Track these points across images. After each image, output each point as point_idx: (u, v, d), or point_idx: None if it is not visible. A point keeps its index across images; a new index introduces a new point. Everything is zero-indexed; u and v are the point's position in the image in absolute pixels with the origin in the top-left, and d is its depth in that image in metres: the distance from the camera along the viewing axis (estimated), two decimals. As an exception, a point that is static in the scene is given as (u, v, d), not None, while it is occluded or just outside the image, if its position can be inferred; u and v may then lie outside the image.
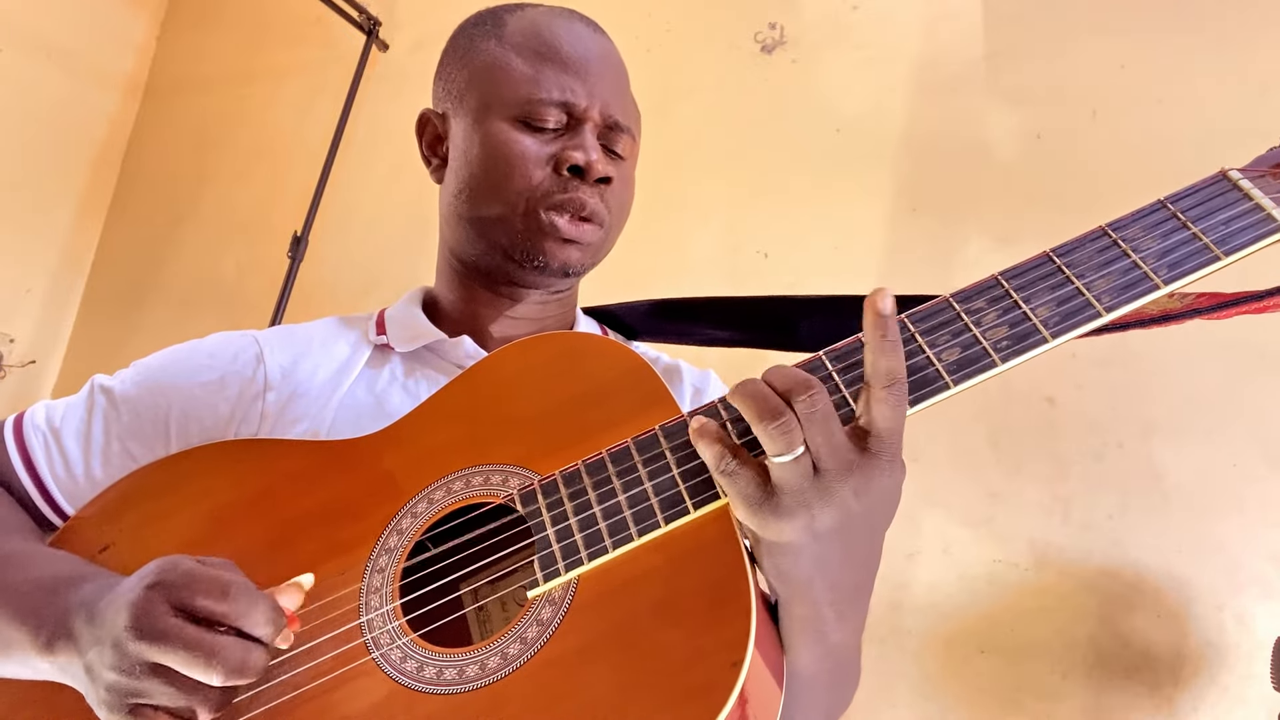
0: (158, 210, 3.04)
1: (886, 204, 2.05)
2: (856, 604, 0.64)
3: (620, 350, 0.71)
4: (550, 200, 0.83)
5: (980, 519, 1.79)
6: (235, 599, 0.58)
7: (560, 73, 0.85)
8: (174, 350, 0.88)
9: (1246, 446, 1.64)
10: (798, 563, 0.57)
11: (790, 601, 0.61)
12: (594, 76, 0.86)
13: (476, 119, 0.86)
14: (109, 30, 3.12)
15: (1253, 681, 1.55)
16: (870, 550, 0.61)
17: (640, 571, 0.58)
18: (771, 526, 0.55)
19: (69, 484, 0.82)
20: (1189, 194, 0.60)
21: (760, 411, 0.54)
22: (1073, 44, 1.96)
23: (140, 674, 0.57)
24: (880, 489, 0.55)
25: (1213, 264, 0.57)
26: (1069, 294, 0.58)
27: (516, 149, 0.83)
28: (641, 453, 0.63)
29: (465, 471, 0.68)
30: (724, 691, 0.51)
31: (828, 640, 0.63)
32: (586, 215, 0.84)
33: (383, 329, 0.91)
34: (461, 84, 0.89)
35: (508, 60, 0.86)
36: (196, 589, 0.58)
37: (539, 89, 0.84)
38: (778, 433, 0.53)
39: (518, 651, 0.58)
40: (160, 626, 0.57)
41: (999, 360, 0.57)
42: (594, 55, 0.88)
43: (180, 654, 0.56)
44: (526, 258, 0.84)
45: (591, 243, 0.86)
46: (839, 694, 0.72)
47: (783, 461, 0.54)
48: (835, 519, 0.55)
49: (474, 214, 0.86)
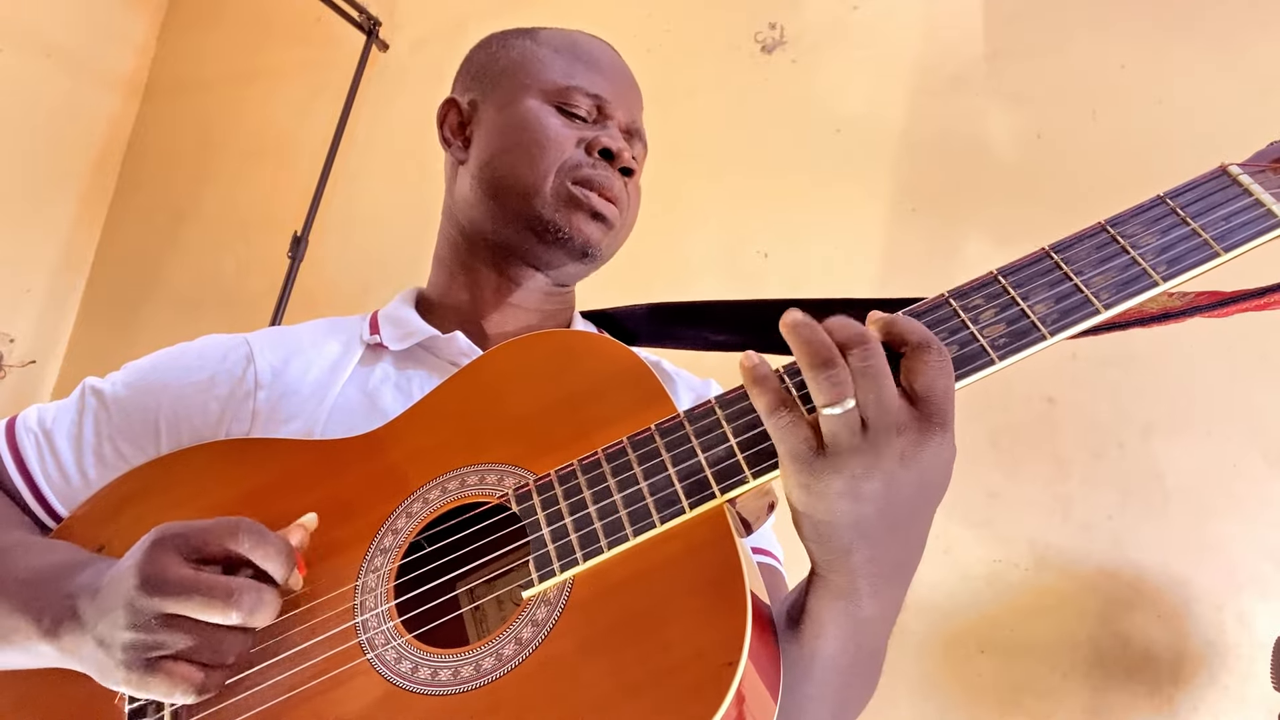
0: (158, 210, 3.04)
1: (886, 204, 2.05)
2: (894, 584, 0.62)
3: (616, 348, 0.71)
4: (579, 173, 0.86)
5: (980, 519, 1.79)
6: (245, 534, 0.60)
7: (592, 71, 0.91)
8: (164, 352, 0.89)
9: (1246, 446, 1.64)
10: (839, 527, 0.56)
11: (827, 570, 0.60)
12: (621, 87, 0.93)
13: (511, 99, 0.90)
14: (109, 30, 3.12)
15: (1253, 681, 1.54)
16: (914, 528, 0.60)
17: (636, 571, 0.58)
18: (817, 484, 0.54)
19: (62, 485, 0.82)
20: (1188, 189, 0.60)
21: (814, 358, 0.53)
22: (1073, 44, 1.96)
23: (156, 626, 0.57)
24: (929, 458, 0.54)
25: (1212, 260, 0.57)
26: (1067, 291, 0.58)
27: (552, 123, 0.87)
28: (636, 451, 0.62)
29: (461, 471, 0.68)
30: (720, 692, 0.51)
31: (858, 616, 0.61)
32: (612, 196, 0.87)
33: (376, 328, 0.91)
34: (495, 73, 0.93)
35: (544, 54, 0.92)
36: (204, 534, 0.60)
37: (573, 78, 0.90)
38: (828, 383, 0.52)
39: (513, 652, 0.58)
40: (172, 576, 0.58)
41: (996, 358, 0.57)
42: (621, 70, 0.96)
43: (196, 598, 0.57)
44: (551, 229, 0.86)
45: (614, 225, 0.88)
46: (856, 690, 0.70)
47: (833, 414, 0.52)
48: (880, 481, 0.53)
49: (502, 183, 0.87)
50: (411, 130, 2.62)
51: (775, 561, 0.87)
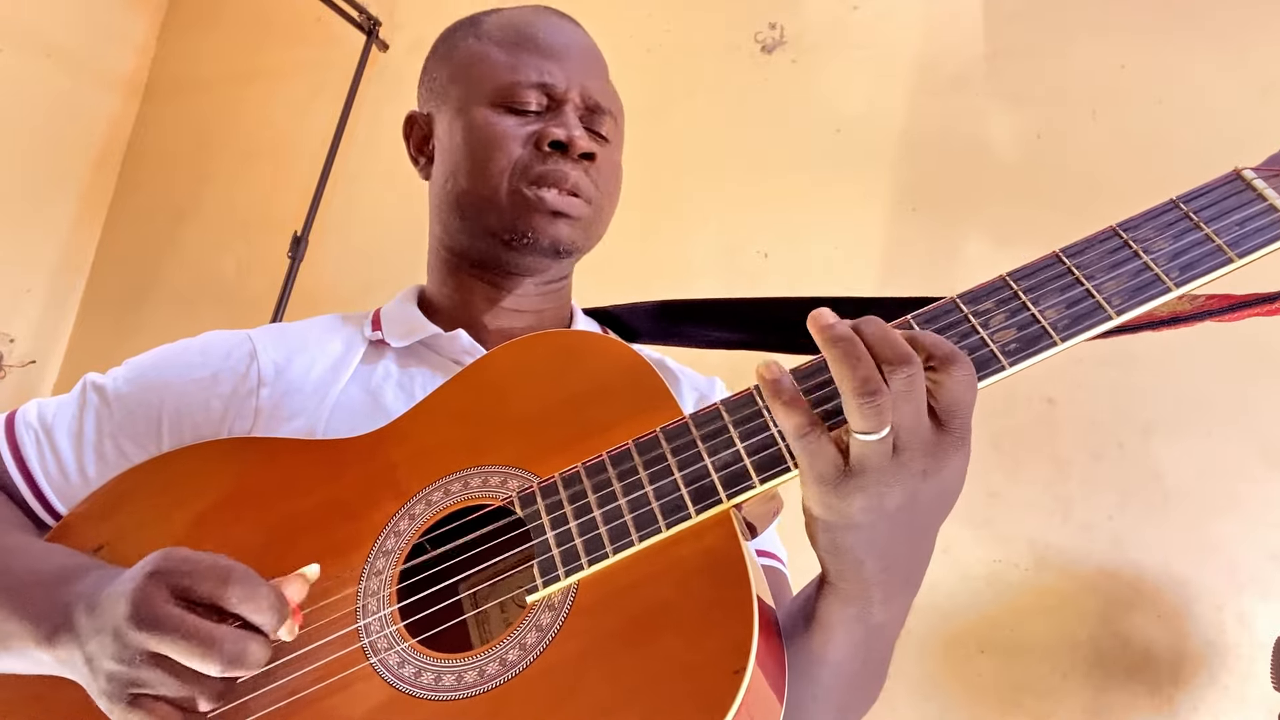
0: (158, 210, 3.04)
1: (886, 204, 2.05)
2: (904, 592, 0.61)
3: (619, 348, 0.70)
4: (532, 174, 0.83)
5: (981, 519, 1.79)
6: (236, 584, 0.58)
7: (538, 58, 0.87)
8: (166, 348, 0.88)
9: (1246, 446, 1.64)
10: (857, 541, 0.55)
11: (839, 579, 0.59)
12: (572, 61, 0.88)
13: (459, 109, 0.88)
14: (109, 30, 3.11)
15: (1253, 681, 1.55)
16: (927, 536, 0.59)
17: (640, 576, 0.58)
18: (841, 504, 0.53)
19: (61, 482, 0.81)
20: (1202, 194, 0.59)
21: (861, 385, 0.49)
22: (1073, 44, 1.96)
23: (140, 663, 0.56)
24: (949, 471, 0.53)
25: (1226, 266, 0.55)
26: (1078, 296, 0.57)
27: (498, 129, 0.84)
28: (642, 455, 0.62)
29: (464, 473, 0.67)
30: (727, 700, 0.51)
31: (868, 622, 0.61)
32: (571, 189, 0.84)
33: (378, 326, 0.91)
34: (444, 81, 0.91)
35: (486, 52, 0.88)
36: (197, 575, 0.58)
37: (517, 73, 0.86)
38: (873, 412, 0.49)
39: (517, 657, 0.58)
40: (159, 615, 0.56)
41: (1008, 364, 0.56)
42: (571, 43, 0.90)
43: (179, 643, 0.56)
44: (515, 235, 0.84)
45: (580, 217, 0.85)
46: (862, 694, 0.70)
47: (869, 440, 0.50)
48: (903, 497, 0.53)
49: (461, 199, 0.86)
50: (411, 130, 2.62)
51: (780, 564, 0.86)
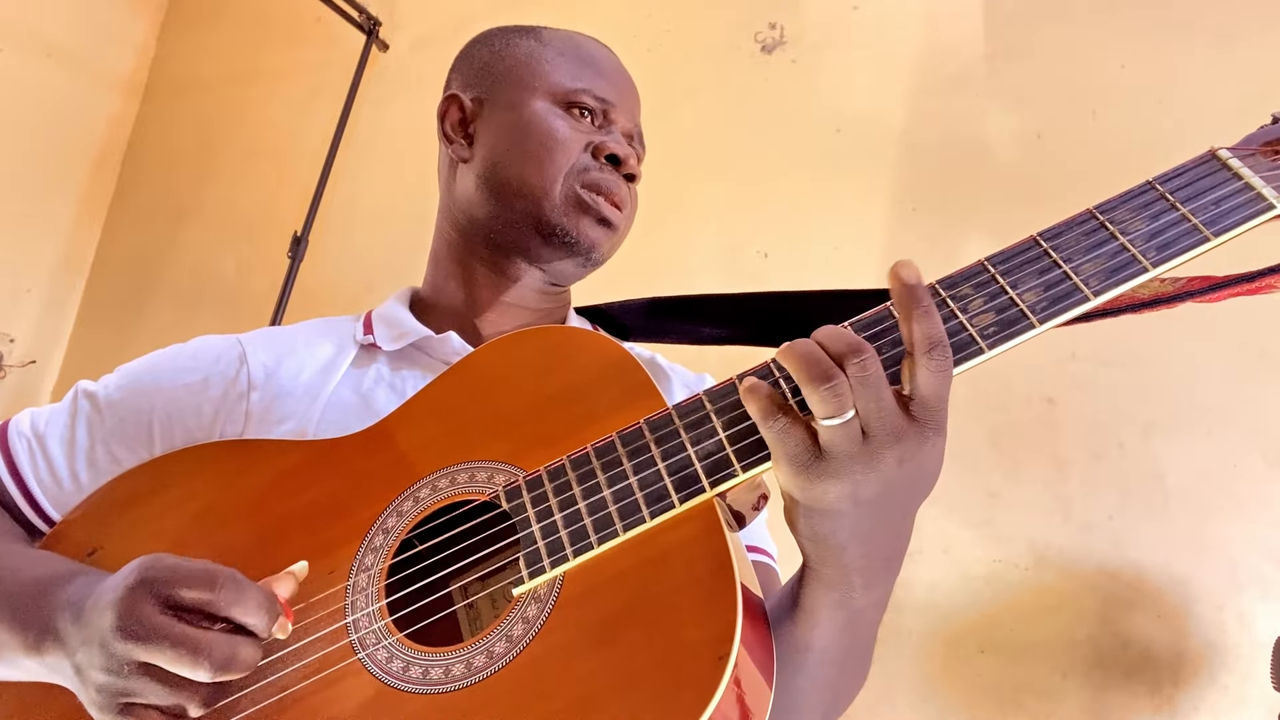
0: (158, 210, 3.04)
1: (886, 204, 2.05)
2: (886, 575, 0.63)
3: (604, 343, 0.71)
4: (588, 177, 0.86)
5: (980, 519, 1.79)
6: (224, 588, 0.58)
7: (598, 77, 0.92)
8: (157, 354, 0.89)
9: (1246, 446, 1.63)
10: (835, 527, 0.57)
11: (820, 564, 0.61)
12: (625, 94, 0.94)
13: (518, 99, 0.89)
14: (109, 30, 3.12)
15: (1253, 681, 1.54)
16: (906, 521, 0.61)
17: (626, 567, 0.58)
18: (815, 489, 0.55)
19: (54, 489, 0.81)
20: (1177, 174, 0.59)
21: (811, 373, 0.52)
22: (1073, 44, 1.95)
23: (128, 673, 0.56)
24: (924, 457, 0.55)
25: (1202, 245, 0.56)
26: (1056, 279, 0.57)
27: (561, 126, 0.87)
28: (626, 446, 0.62)
29: (451, 469, 0.68)
30: (711, 686, 0.51)
31: (851, 607, 0.62)
32: (618, 201, 0.88)
33: (370, 329, 0.91)
34: (500, 71, 0.92)
35: (551, 55, 0.92)
36: (183, 581, 0.58)
37: (580, 81, 0.90)
38: (829, 395, 0.52)
39: (504, 649, 0.58)
40: (146, 624, 0.56)
41: (985, 347, 0.56)
42: (623, 74, 0.96)
43: (166, 651, 0.56)
44: (559, 231, 0.86)
45: (619, 230, 0.89)
46: (849, 679, 0.71)
47: (832, 425, 0.52)
48: (878, 485, 0.54)
49: (509, 185, 0.87)
50: (411, 130, 2.62)
51: (770, 560, 0.86)
